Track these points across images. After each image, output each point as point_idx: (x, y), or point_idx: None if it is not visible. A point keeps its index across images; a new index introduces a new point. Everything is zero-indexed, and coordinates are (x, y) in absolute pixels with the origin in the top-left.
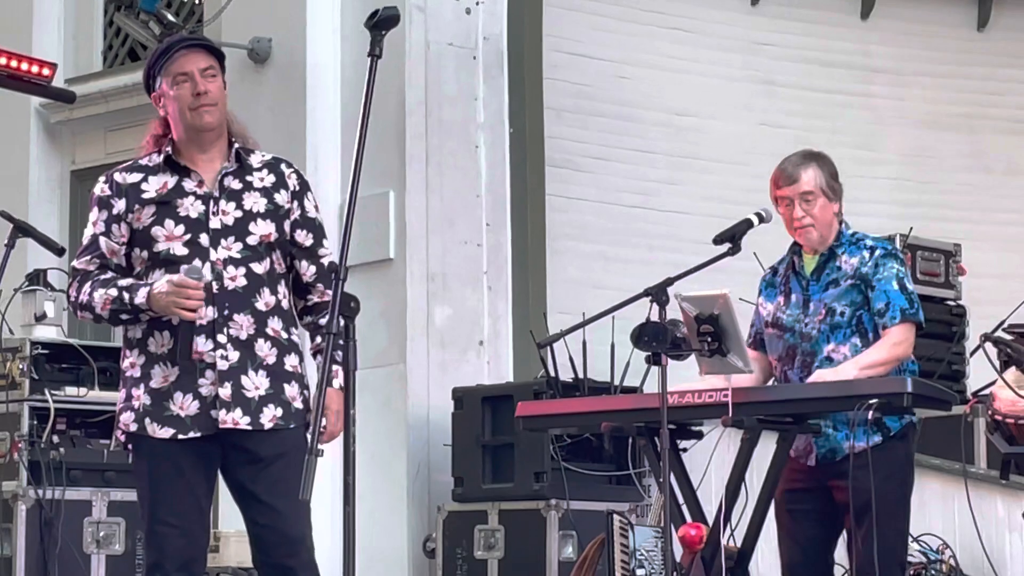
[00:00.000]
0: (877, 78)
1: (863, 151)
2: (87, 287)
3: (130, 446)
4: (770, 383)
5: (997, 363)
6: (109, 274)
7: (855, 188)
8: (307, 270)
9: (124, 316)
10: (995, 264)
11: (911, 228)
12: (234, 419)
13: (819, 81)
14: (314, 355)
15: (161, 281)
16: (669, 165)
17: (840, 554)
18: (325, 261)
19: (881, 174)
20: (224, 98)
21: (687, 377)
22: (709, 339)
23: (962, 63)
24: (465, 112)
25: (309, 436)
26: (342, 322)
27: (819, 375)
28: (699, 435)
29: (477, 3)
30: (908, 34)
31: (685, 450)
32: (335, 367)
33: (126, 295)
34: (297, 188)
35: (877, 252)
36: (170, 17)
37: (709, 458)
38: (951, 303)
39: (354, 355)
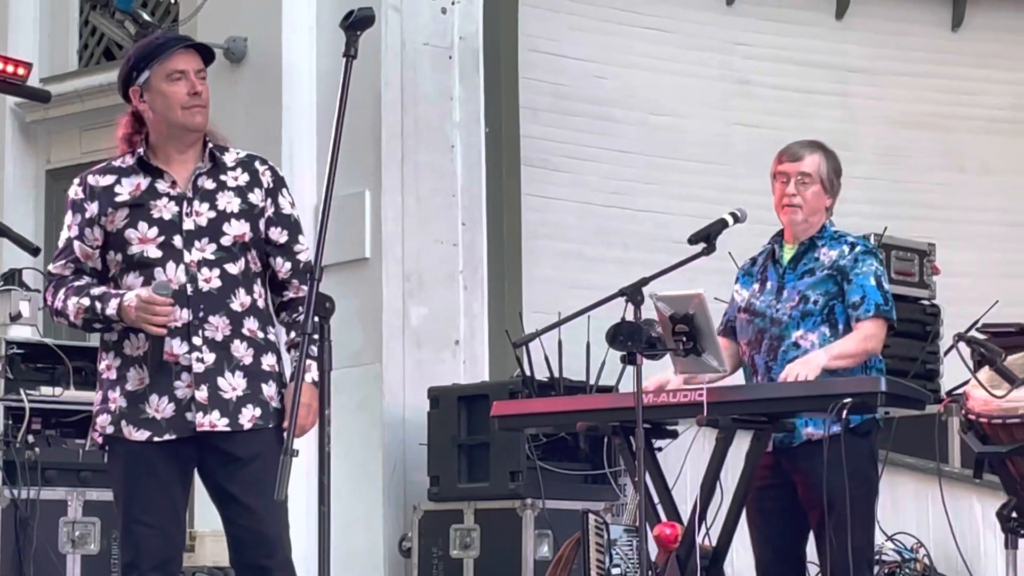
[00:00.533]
0: (852, 78)
1: (838, 150)
2: (62, 293)
3: (106, 448)
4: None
5: (971, 363)
6: (83, 280)
7: None
8: (282, 267)
9: (97, 325)
10: (969, 263)
11: (885, 228)
12: (211, 422)
13: (794, 81)
14: (288, 349)
15: (131, 295)
16: (645, 164)
17: (813, 552)
18: (301, 258)
19: (856, 173)
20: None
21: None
22: (684, 339)
23: (937, 63)
24: (441, 112)
25: (285, 435)
26: (317, 321)
27: (789, 368)
28: (674, 434)
29: (453, 3)
30: (883, 34)
31: (660, 449)
32: (308, 361)
33: (98, 305)
34: (271, 185)
35: (858, 248)
36: (146, 16)
37: (684, 457)
38: (925, 302)
39: (329, 355)
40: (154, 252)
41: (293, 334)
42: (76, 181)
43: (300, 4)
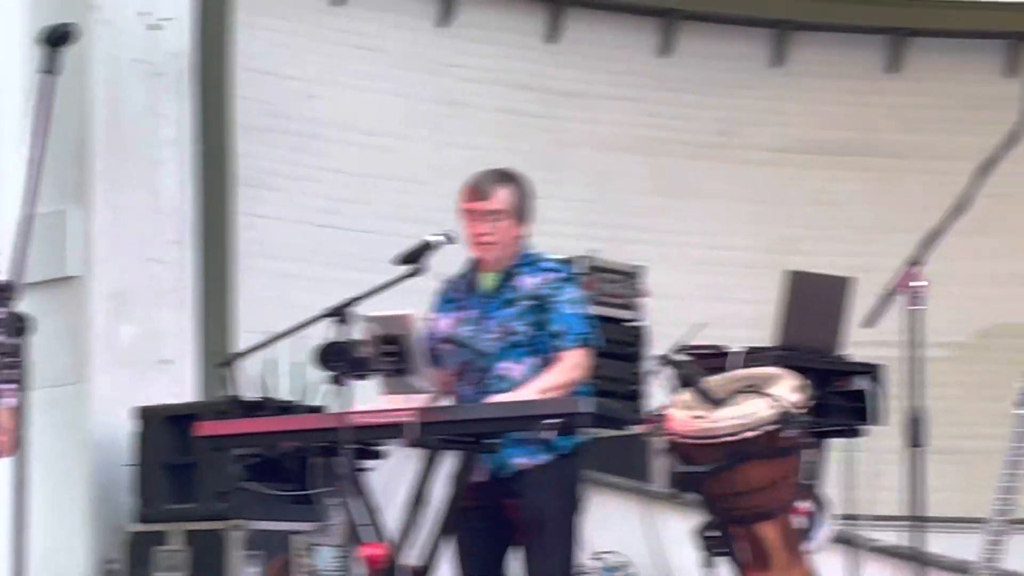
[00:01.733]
0: (563, 101)
1: (548, 172)
2: None
3: None
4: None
5: (672, 384)
6: None
7: (540, 209)
8: None
9: None
10: (676, 286)
11: (595, 250)
12: None
13: (506, 103)
14: None
15: None
16: (358, 184)
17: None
18: None
19: (565, 196)
20: None
21: (372, 397)
22: (392, 359)
23: (645, 87)
24: (151, 128)
25: None
26: (14, 341)
27: (499, 399)
28: (382, 454)
29: (165, 19)
30: (593, 58)
31: (368, 470)
32: (7, 385)
33: None
34: None
35: (556, 275)
36: None
37: (392, 477)
38: (632, 324)
39: (28, 375)
40: None
41: None
42: None
43: (11, 15)
